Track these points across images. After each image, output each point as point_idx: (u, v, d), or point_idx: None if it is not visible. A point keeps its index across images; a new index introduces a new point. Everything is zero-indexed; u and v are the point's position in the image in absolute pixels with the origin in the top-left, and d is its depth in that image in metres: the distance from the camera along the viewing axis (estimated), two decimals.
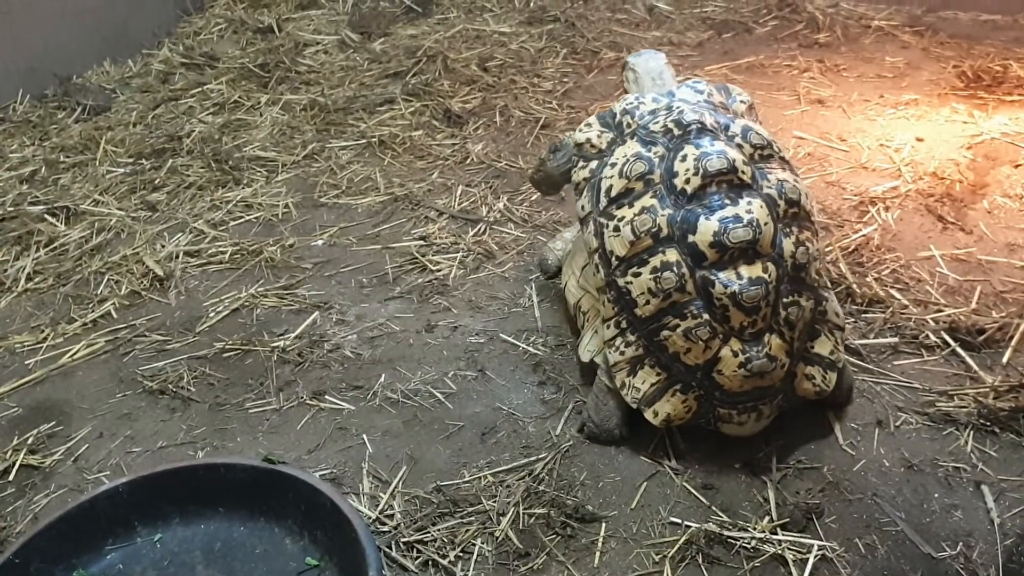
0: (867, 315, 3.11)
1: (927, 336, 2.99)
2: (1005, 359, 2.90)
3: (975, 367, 2.87)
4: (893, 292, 3.20)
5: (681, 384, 2.52)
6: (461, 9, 6.46)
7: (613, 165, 2.65)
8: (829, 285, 2.77)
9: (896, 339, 3.01)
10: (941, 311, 3.10)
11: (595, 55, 5.53)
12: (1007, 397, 2.73)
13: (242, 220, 4.03)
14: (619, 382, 2.60)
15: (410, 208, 4.04)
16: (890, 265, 3.34)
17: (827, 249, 3.39)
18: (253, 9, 6.63)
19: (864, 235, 3.51)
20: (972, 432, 2.64)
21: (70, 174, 4.55)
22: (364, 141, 4.65)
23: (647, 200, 2.54)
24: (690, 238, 2.44)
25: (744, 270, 2.42)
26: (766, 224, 2.44)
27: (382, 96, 5.12)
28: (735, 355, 2.44)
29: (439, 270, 3.56)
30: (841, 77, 5.01)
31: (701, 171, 2.48)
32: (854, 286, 3.20)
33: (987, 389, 2.76)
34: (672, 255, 2.46)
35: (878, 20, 5.77)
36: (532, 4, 6.39)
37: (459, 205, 4.02)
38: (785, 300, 2.47)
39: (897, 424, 2.69)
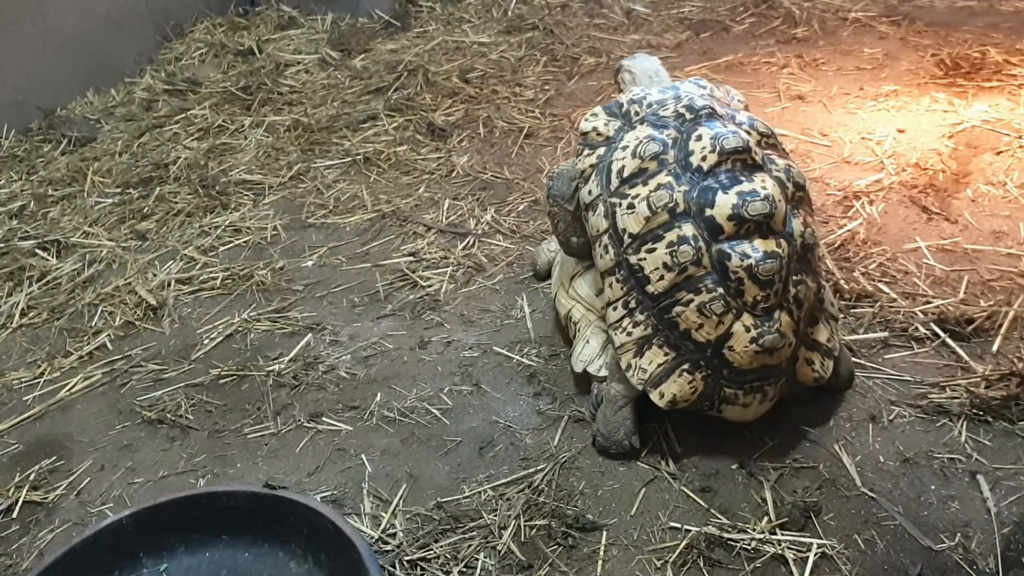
0: (856, 310, 3.14)
1: (916, 328, 3.02)
2: (995, 348, 2.93)
3: (966, 357, 2.89)
4: (881, 286, 3.22)
5: (689, 364, 2.53)
6: (440, 21, 6.48)
7: (624, 148, 2.67)
8: (824, 276, 2.83)
9: (886, 333, 3.03)
10: (929, 303, 3.13)
11: (575, 61, 5.56)
12: (999, 386, 2.75)
13: (231, 245, 4.04)
14: (624, 364, 2.60)
15: (398, 224, 4.06)
16: (877, 259, 3.37)
17: None
18: (233, 32, 6.64)
19: (849, 230, 3.54)
20: (965, 422, 2.66)
21: (59, 207, 4.56)
22: (349, 159, 4.67)
23: (663, 178, 2.56)
24: (707, 212, 2.47)
25: (759, 244, 2.45)
26: (780, 201, 2.50)
27: (365, 113, 5.13)
28: (747, 330, 2.46)
29: (430, 285, 3.58)
30: (820, 71, 5.04)
31: (718, 148, 2.52)
32: (841, 282, 3.23)
33: (978, 379, 2.79)
34: (688, 229, 2.49)
35: (855, 12, 5.82)
36: (510, 13, 6.41)
37: (447, 219, 4.04)
38: (794, 278, 2.51)
39: (891, 418, 2.71)
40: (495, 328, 3.32)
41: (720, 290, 2.46)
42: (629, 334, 2.60)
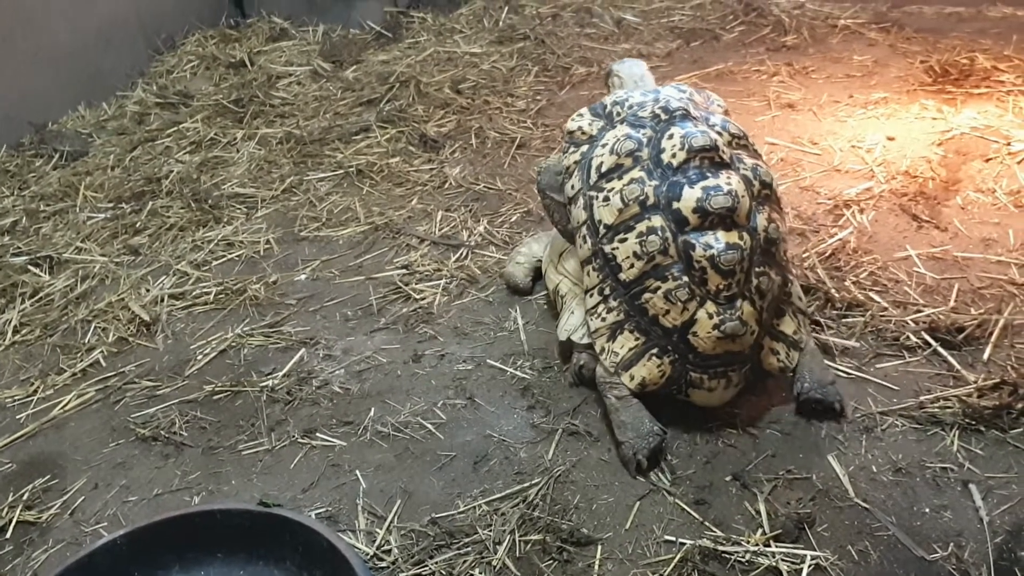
0: (847, 319, 3.15)
1: (908, 337, 3.03)
2: (986, 356, 2.94)
3: (957, 366, 2.90)
4: (872, 295, 3.23)
5: (658, 348, 2.70)
6: (431, 32, 6.49)
7: (604, 145, 2.87)
8: (794, 272, 3.01)
9: (877, 342, 3.04)
10: (920, 311, 3.14)
11: (566, 71, 5.57)
12: (990, 395, 2.76)
13: (224, 259, 4.04)
14: (599, 347, 2.79)
15: (391, 237, 4.06)
16: (867, 268, 3.38)
17: (804, 255, 3.44)
18: (224, 44, 6.64)
19: (840, 239, 3.55)
20: (958, 432, 2.67)
21: (51, 222, 4.55)
22: (341, 171, 4.67)
23: (636, 173, 2.76)
24: (675, 205, 2.66)
25: (722, 236, 2.62)
26: (743, 196, 2.67)
27: (357, 125, 5.14)
28: (710, 317, 2.62)
29: (423, 298, 3.58)
30: (810, 79, 5.06)
31: (687, 147, 2.71)
32: (832, 291, 3.23)
33: (970, 388, 2.79)
34: (657, 221, 2.67)
35: (844, 19, 5.84)
36: (501, 23, 6.42)
37: (440, 231, 4.04)
38: (757, 270, 2.67)
39: (883, 428, 2.72)
40: (488, 341, 3.32)
41: (685, 278, 2.63)
42: (603, 319, 2.78)
